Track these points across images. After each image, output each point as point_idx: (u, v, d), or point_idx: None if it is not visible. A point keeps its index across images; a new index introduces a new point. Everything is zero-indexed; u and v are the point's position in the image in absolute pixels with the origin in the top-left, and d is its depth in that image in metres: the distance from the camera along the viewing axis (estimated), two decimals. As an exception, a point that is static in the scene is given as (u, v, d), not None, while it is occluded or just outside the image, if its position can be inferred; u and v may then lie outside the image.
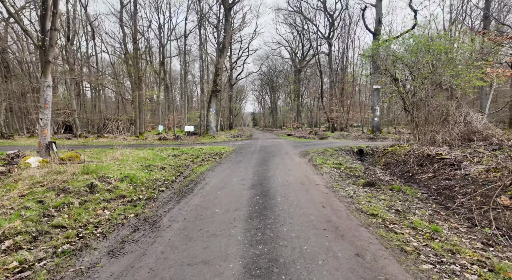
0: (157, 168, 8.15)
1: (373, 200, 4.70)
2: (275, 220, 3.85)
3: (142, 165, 8.40)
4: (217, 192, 5.61)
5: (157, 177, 7.09)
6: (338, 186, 5.70)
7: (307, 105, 61.46)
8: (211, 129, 22.41)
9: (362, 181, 5.99)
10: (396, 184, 6.32)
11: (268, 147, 14.82)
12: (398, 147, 11.75)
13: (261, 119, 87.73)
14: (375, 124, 22.96)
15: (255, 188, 5.71)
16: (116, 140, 19.13)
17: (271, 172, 7.46)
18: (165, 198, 5.37)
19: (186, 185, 6.40)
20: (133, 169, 7.67)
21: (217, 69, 22.02)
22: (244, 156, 11.12)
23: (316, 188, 5.65)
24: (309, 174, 7.03)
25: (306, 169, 7.85)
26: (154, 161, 9.24)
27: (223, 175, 7.40)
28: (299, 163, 9.03)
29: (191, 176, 7.44)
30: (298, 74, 47.06)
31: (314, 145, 15.52)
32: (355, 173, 7.15)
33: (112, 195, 5.34)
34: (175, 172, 7.92)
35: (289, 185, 5.87)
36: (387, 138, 21.43)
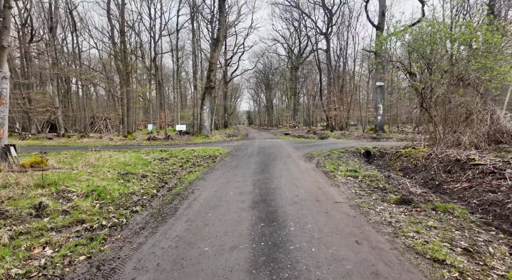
0: (136, 177, 6.76)
1: (422, 230, 3.41)
2: (294, 272, 2.54)
3: (120, 172, 7.01)
4: (208, 213, 4.27)
5: (134, 189, 5.70)
6: (365, 205, 4.40)
7: (304, 104, 60.31)
8: (204, 128, 21.01)
9: (394, 198, 4.71)
10: (431, 198, 5.06)
11: (267, 148, 13.50)
12: (413, 149, 10.55)
13: (257, 118, 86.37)
14: (378, 123, 21.83)
15: (257, 208, 4.38)
16: (101, 141, 17.59)
17: (275, 182, 6.14)
18: (137, 223, 4.00)
19: (169, 201, 5.04)
20: (106, 179, 6.27)
21: (211, 64, 20.58)
22: (241, 160, 9.78)
23: (338, 207, 4.35)
24: (323, 185, 5.73)
25: (317, 177, 6.54)
26: (135, 167, 7.84)
27: (217, 186, 6.05)
28: (306, 169, 7.73)
29: (178, 187, 6.07)
30: (295, 72, 45.80)
31: (317, 146, 14.26)
32: (378, 184, 5.88)
33: (66, 220, 3.95)
34: (159, 182, 6.54)
35: (302, 203, 4.56)
36: (391, 138, 20.32)
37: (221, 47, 21.88)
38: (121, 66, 21.81)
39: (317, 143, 16.57)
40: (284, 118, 64.06)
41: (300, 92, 51.98)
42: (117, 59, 21.74)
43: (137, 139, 19.39)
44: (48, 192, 4.99)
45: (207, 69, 21.57)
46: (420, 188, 5.77)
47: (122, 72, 21.11)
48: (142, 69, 37.86)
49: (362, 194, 5.08)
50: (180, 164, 9.04)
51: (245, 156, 10.73)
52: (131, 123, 24.98)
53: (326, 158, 9.93)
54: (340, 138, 20.74)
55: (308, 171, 7.42)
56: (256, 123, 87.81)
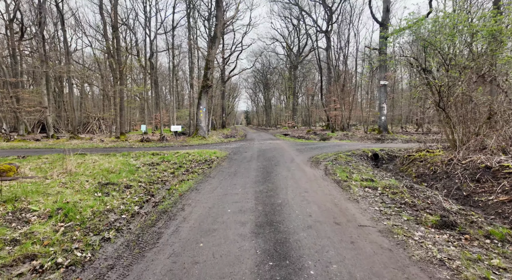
0: (119, 188, 5.80)
1: (491, 276, 2.50)
2: None
3: (100, 182, 6.04)
4: (200, 242, 3.33)
5: (112, 205, 4.75)
6: (399, 231, 3.48)
7: (303, 103, 59.44)
8: (201, 129, 20.04)
9: (431, 219, 3.79)
10: (475, 217, 4.15)
11: (268, 151, 12.57)
12: (427, 153, 9.67)
13: (255, 118, 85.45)
14: (382, 123, 20.97)
15: (262, 234, 3.45)
16: (91, 142, 16.57)
17: (281, 194, 5.21)
18: (106, 259, 3.05)
19: (153, 222, 4.09)
20: (81, 192, 5.30)
21: (208, 61, 19.60)
22: (240, 165, 8.84)
23: (364, 234, 3.43)
24: (338, 200, 4.81)
25: (329, 189, 5.62)
26: (120, 175, 6.87)
27: (212, 199, 5.11)
28: (315, 177, 6.80)
29: (165, 201, 5.12)
30: (294, 71, 44.90)
31: (320, 149, 13.35)
32: (403, 197, 4.96)
33: (11, 256, 2.99)
34: (144, 194, 5.58)
35: (318, 227, 3.63)
36: (395, 139, 19.48)
37: (219, 44, 20.91)
38: (113, 64, 20.77)
39: (320, 145, 15.66)
40: (283, 118, 63.17)
41: (299, 91, 51.15)
42: (110, 56, 20.69)
43: (130, 140, 18.38)
44: (1, 212, 4.02)
45: (204, 67, 20.59)
46: (454, 203, 4.85)
47: (114, 70, 20.07)
48: (138, 68, 36.80)
49: (389, 213, 4.16)
50: (172, 170, 8.08)
51: (244, 161, 9.79)
52: (125, 124, 23.94)
53: (333, 163, 9.02)
54: (342, 139, 19.85)
55: (317, 179, 6.49)
56: (254, 123, 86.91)
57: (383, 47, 20.74)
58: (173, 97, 27.58)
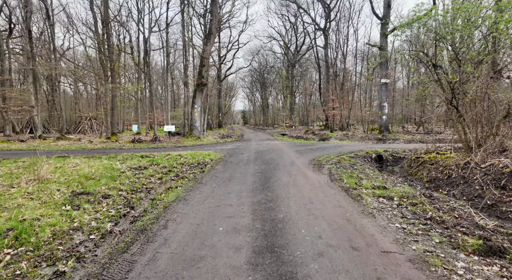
0: (94, 199, 5.00)
1: None
2: None
3: (74, 192, 5.24)
4: (180, 278, 2.57)
5: (81, 222, 3.95)
6: (435, 260, 2.74)
7: (301, 103, 58.75)
8: (195, 129, 19.22)
9: (472, 243, 3.06)
10: None
11: (265, 152, 11.81)
12: (437, 155, 8.98)
13: (252, 117, 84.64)
14: (383, 123, 20.32)
15: (262, 268, 2.69)
16: (78, 143, 15.67)
17: (282, 207, 4.46)
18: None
19: (126, 246, 3.30)
20: (47, 204, 4.50)
21: (203, 58, 18.78)
22: (235, 169, 8.07)
23: (392, 265, 2.68)
24: (351, 214, 4.07)
25: (338, 199, 4.88)
26: (99, 182, 6.07)
27: (202, 213, 4.34)
28: (319, 183, 6.06)
29: (146, 216, 4.34)
30: (291, 70, 44.19)
31: (321, 150, 12.62)
32: (425, 209, 4.23)
33: None
34: (123, 206, 4.79)
35: (331, 255, 2.88)
36: (397, 139, 18.84)
37: (214, 41, 20.09)
38: (104, 60, 19.88)
39: (320, 145, 14.94)
40: (280, 118, 62.43)
41: (296, 91, 50.45)
42: (100, 52, 19.78)
43: (121, 141, 17.51)
44: None
45: (199, 64, 19.76)
46: (486, 217, 4.12)
47: (105, 67, 19.17)
48: (134, 67, 35.83)
49: (415, 232, 3.42)
50: (160, 175, 7.28)
51: (240, 164, 9.02)
52: (116, 123, 23.03)
53: (337, 166, 8.28)
54: (343, 140, 19.17)
55: (322, 187, 5.75)
56: (251, 122, 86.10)
57: (384, 44, 20.10)
58: (166, 96, 26.69)
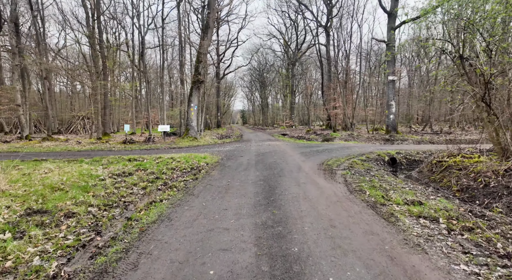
0: (51, 219, 3.89)
1: None
2: None
3: (29, 209, 4.13)
4: None
5: (18, 260, 2.84)
6: None
7: (301, 102, 57.65)
8: (192, 129, 18.10)
9: None
10: None
11: (267, 155, 10.71)
12: (464, 159, 7.90)
13: (251, 117, 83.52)
14: (391, 122, 19.25)
15: None
16: (65, 145, 14.53)
17: (296, 233, 3.36)
18: None
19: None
20: (-17, 230, 3.39)
21: (200, 54, 17.66)
22: (234, 176, 6.97)
23: None
24: (391, 247, 2.97)
25: (366, 220, 3.78)
26: (65, 195, 4.95)
27: (188, 243, 3.24)
28: (336, 196, 4.97)
29: (115, 246, 3.23)
30: (292, 68, 43.10)
31: (328, 152, 11.53)
32: (488, 238, 3.15)
33: None
34: (88, 230, 3.68)
35: None
36: (406, 139, 17.77)
37: (212, 35, 18.97)
38: (95, 56, 18.73)
39: (326, 146, 13.84)
40: (280, 118, 61.31)
41: (296, 90, 49.37)
42: (91, 47, 18.64)
43: (112, 142, 16.38)
44: None
45: (195, 60, 18.64)
46: None
47: (96, 63, 18.03)
48: (129, 65, 34.68)
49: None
50: (145, 184, 6.17)
51: (239, 169, 7.91)
52: (109, 123, 21.91)
53: (352, 172, 7.19)
54: (348, 140, 18.08)
55: (341, 201, 4.65)
56: (250, 122, 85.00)
57: (391, 39, 19.02)
58: (163, 93, 25.56)
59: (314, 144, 15.54)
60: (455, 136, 18.71)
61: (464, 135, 19.08)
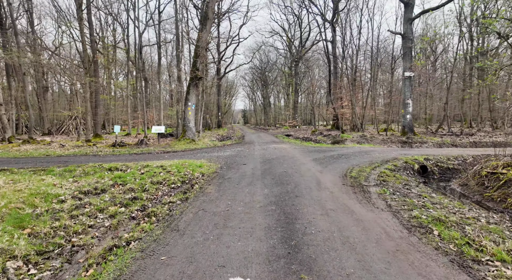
0: None
1: None
2: None
3: None
4: None
5: None
6: None
7: (303, 102, 55.94)
8: (189, 130, 16.48)
9: None
10: None
11: (275, 162, 9.06)
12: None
13: (252, 117, 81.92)
14: (407, 123, 17.56)
15: None
16: (47, 148, 12.92)
17: None
18: None
19: None
20: None
21: (198, 48, 16.02)
22: (235, 195, 5.33)
23: None
24: None
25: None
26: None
27: None
28: (391, 239, 3.32)
29: None
30: (295, 66, 41.38)
31: (345, 158, 9.87)
32: None
33: None
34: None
35: None
36: (425, 142, 16.07)
37: (211, 27, 17.35)
38: (84, 49, 17.14)
39: (340, 151, 12.19)
40: (282, 117, 59.57)
41: (299, 89, 47.66)
42: (81, 41, 17.05)
43: (100, 144, 14.77)
44: None
45: (193, 55, 17.02)
46: None
47: (83, 58, 16.44)
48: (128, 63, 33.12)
49: None
50: (115, 209, 4.54)
51: (242, 183, 6.28)
52: (100, 124, 20.33)
53: (387, 188, 5.54)
54: (361, 143, 16.41)
55: (404, 250, 3.01)
56: (251, 122, 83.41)
57: (408, 30, 17.32)
58: (160, 91, 23.96)
59: (325, 148, 13.88)
60: (480, 138, 17.02)
61: (489, 137, 17.35)
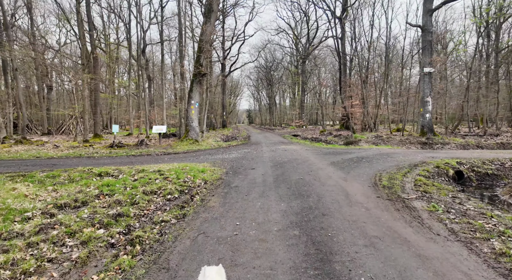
0: None
1: None
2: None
3: None
4: None
5: None
6: None
7: (309, 101, 54.63)
8: (192, 130, 15.45)
9: None
10: None
11: (287, 165, 7.95)
12: None
13: (257, 117, 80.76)
14: (427, 122, 16.27)
15: None
16: (39, 149, 12.01)
17: None
18: None
19: None
20: None
21: (201, 42, 14.98)
22: (245, 211, 4.23)
23: None
24: None
25: None
26: None
27: None
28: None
29: None
30: (302, 65, 40.14)
31: (367, 162, 8.71)
32: None
33: None
34: None
35: None
36: (448, 143, 14.78)
37: (215, 21, 16.31)
38: (81, 44, 16.24)
39: (357, 153, 11.02)
40: (289, 117, 58.27)
41: (306, 88, 46.37)
42: (78, 36, 16.17)
43: (97, 145, 13.83)
44: None
45: (197, 50, 15.99)
46: None
47: (81, 54, 15.54)
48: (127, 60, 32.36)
49: None
50: (90, 233, 3.49)
51: (252, 194, 5.19)
52: (99, 123, 19.45)
53: (436, 203, 4.41)
54: (378, 144, 15.19)
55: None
56: (256, 122, 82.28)
57: (428, 23, 16.04)
58: (163, 89, 23.04)
59: (339, 149, 12.72)
60: (507, 139, 15.67)
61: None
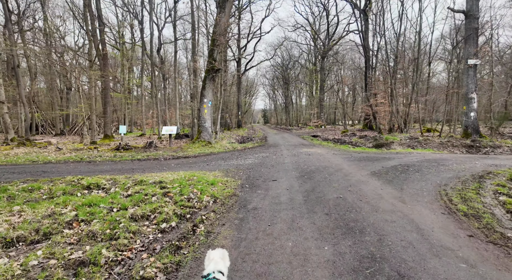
0: None
1: None
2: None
3: None
4: None
5: None
6: None
7: (329, 100, 52.41)
8: (205, 131, 14.16)
9: None
10: None
11: (316, 176, 6.39)
12: None
13: (273, 116, 79.16)
14: (471, 122, 14.12)
15: None
16: (40, 151, 11.11)
17: None
18: None
19: None
20: None
21: (215, 34, 13.65)
22: (271, 254, 2.74)
23: None
24: None
25: None
26: None
27: None
28: None
29: None
30: (321, 61, 38.14)
31: (416, 171, 6.98)
32: None
33: None
34: None
35: None
36: (499, 146, 12.62)
37: (230, 10, 14.94)
38: (89, 39, 15.37)
39: (398, 159, 9.25)
40: (306, 116, 56.24)
41: (325, 86, 44.24)
42: (85, 29, 15.31)
43: (102, 148, 12.81)
44: None
45: (210, 43, 14.69)
46: None
47: (89, 50, 14.65)
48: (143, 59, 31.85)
49: None
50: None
51: (277, 222, 3.69)
52: (109, 123, 18.61)
53: None
54: (415, 147, 13.24)
55: None
56: (272, 122, 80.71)
57: (474, 7, 13.89)
58: (175, 87, 22.00)
59: (373, 154, 10.97)
60: None
61: None
